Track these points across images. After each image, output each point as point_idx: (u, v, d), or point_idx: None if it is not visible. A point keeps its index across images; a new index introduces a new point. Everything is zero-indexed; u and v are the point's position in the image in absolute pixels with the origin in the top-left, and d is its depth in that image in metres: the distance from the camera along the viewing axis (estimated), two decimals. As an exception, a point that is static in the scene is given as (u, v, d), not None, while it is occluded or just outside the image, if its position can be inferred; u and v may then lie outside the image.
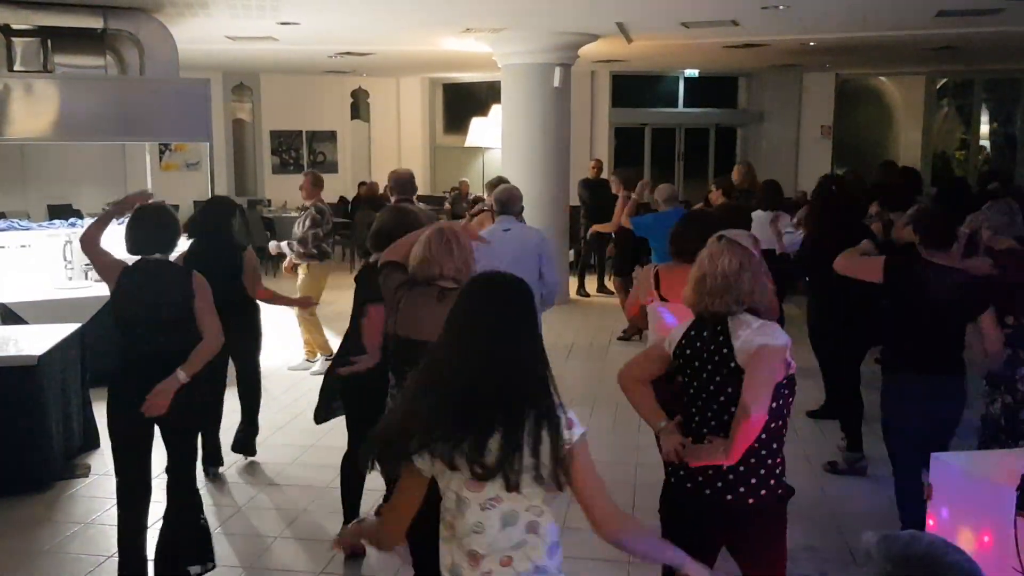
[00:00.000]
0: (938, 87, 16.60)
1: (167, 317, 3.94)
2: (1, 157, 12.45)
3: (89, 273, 7.83)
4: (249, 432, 6.05)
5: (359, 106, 16.96)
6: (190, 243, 5.73)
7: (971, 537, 3.26)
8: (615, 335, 9.70)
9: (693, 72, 16.09)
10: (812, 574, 4.34)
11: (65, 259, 7.85)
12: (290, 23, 9.47)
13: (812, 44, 11.76)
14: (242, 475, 5.83)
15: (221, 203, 6.02)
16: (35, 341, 5.69)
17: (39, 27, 8.06)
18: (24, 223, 8.72)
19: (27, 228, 8.40)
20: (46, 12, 8.02)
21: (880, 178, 9.16)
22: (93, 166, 13.79)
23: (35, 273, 7.75)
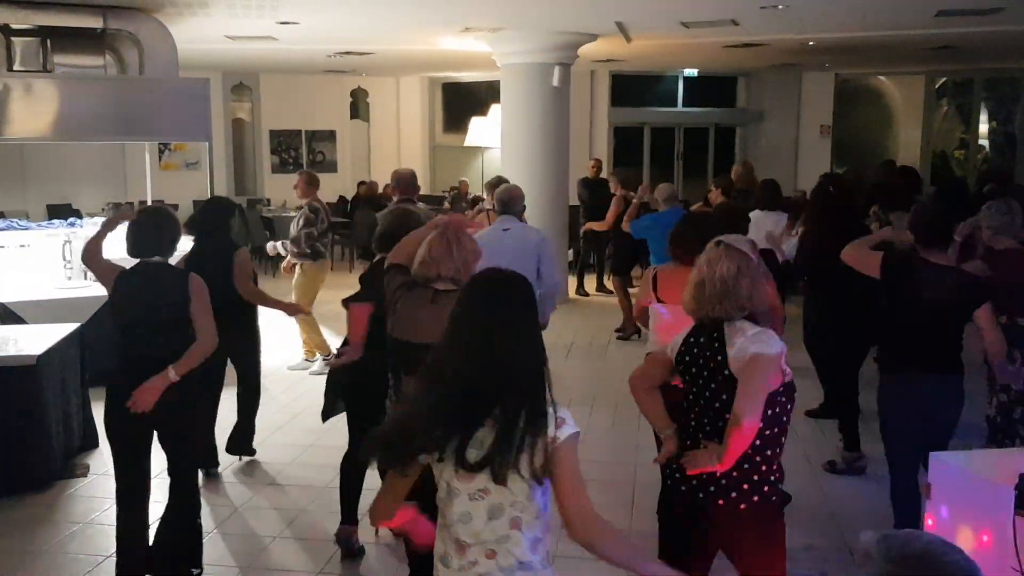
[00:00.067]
0: (937, 86, 16.59)
1: (164, 319, 3.96)
2: (1, 157, 12.46)
3: (88, 273, 7.82)
4: (245, 433, 6.03)
5: (358, 105, 16.96)
6: (192, 244, 5.74)
7: (970, 537, 3.26)
8: (615, 334, 9.71)
9: (692, 72, 16.08)
10: (812, 574, 4.34)
11: (64, 259, 7.85)
12: (289, 23, 9.47)
13: (811, 44, 11.75)
14: (241, 475, 5.83)
15: (219, 204, 6.02)
16: (34, 341, 5.70)
17: (39, 27, 8.05)
18: (23, 223, 8.73)
19: (26, 228, 8.41)
20: (46, 12, 8.02)
21: (880, 178, 9.17)
22: (92, 166, 13.80)
23: (34, 273, 7.75)
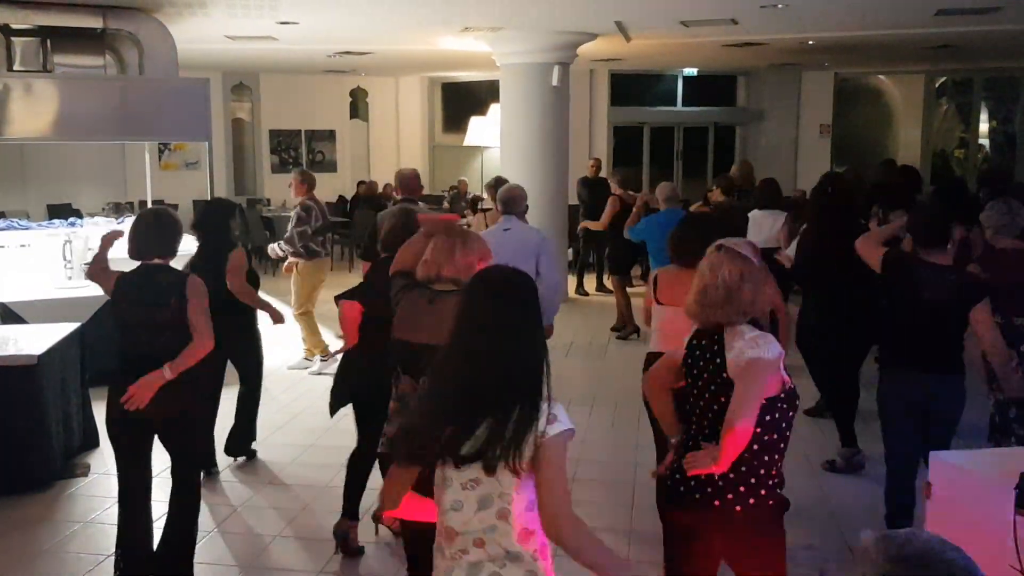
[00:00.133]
0: (937, 86, 16.58)
1: (163, 320, 3.97)
2: (1, 157, 12.46)
3: (88, 273, 7.84)
4: (245, 434, 6.03)
5: (358, 105, 16.96)
6: (197, 246, 5.77)
7: (970, 536, 3.26)
8: (612, 334, 9.72)
9: (692, 71, 16.07)
10: (812, 573, 4.35)
11: (65, 259, 7.84)
12: (289, 23, 9.47)
13: (811, 43, 11.75)
14: (241, 475, 5.83)
15: (219, 205, 6.03)
16: (35, 340, 5.69)
17: (39, 27, 8.05)
18: (24, 223, 8.73)
19: (27, 228, 8.41)
20: (46, 12, 8.02)
21: (881, 177, 9.16)
22: (92, 166, 13.80)
23: (35, 273, 7.75)
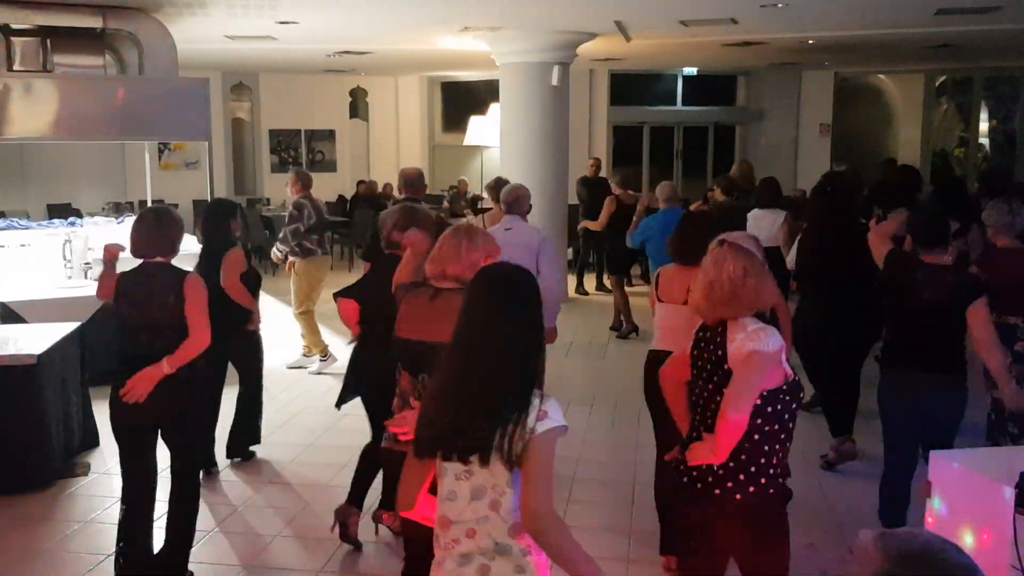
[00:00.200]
0: (937, 85, 16.58)
1: (162, 319, 3.98)
2: (1, 157, 12.46)
3: (88, 272, 7.84)
4: (245, 435, 6.02)
5: (357, 105, 16.96)
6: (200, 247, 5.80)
7: (971, 535, 3.27)
8: (611, 333, 9.72)
9: (691, 70, 16.06)
10: (812, 573, 4.35)
11: (64, 258, 7.84)
12: (289, 22, 9.47)
13: (811, 42, 11.75)
14: (241, 474, 5.83)
15: (219, 205, 6.04)
16: (35, 340, 5.69)
17: (38, 27, 8.05)
18: (24, 222, 8.73)
19: (27, 227, 8.41)
20: (45, 12, 8.01)
21: (882, 176, 9.18)
22: (92, 166, 13.81)
23: (35, 272, 7.75)
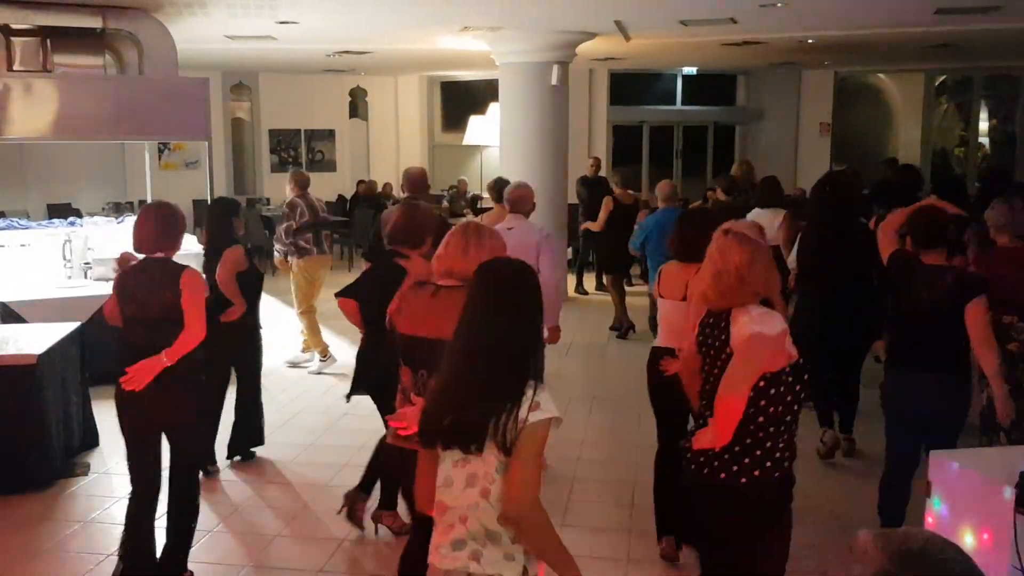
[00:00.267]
0: (937, 84, 16.57)
1: (162, 313, 4.00)
2: (1, 157, 12.46)
3: (88, 272, 7.84)
4: (245, 435, 6.01)
5: (357, 105, 16.95)
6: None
7: (971, 535, 3.27)
8: (610, 332, 9.72)
9: (691, 70, 16.05)
10: (813, 573, 4.35)
11: (64, 258, 7.85)
12: (288, 22, 9.46)
13: (811, 41, 11.74)
14: (241, 474, 5.83)
15: (221, 203, 6.05)
16: (35, 340, 5.69)
17: (38, 27, 8.04)
18: (23, 222, 8.73)
19: (27, 227, 8.41)
20: (45, 12, 8.01)
21: (883, 176, 9.19)
22: (92, 165, 13.81)
23: (34, 272, 7.75)
